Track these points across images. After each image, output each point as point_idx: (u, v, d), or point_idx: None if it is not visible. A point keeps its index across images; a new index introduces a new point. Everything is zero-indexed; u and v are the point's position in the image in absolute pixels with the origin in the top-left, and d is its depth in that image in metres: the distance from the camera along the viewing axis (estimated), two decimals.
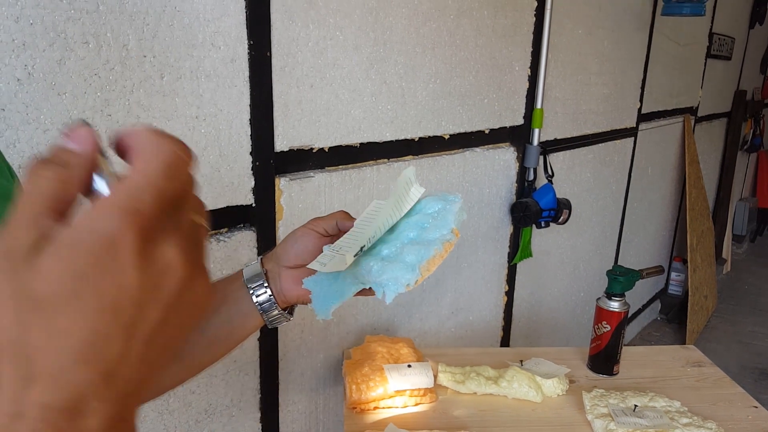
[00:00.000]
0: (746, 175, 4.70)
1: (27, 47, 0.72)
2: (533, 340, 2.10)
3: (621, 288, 1.15)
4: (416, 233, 0.52)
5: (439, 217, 0.52)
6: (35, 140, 0.75)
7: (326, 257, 0.54)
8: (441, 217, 0.52)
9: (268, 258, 0.58)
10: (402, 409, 1.03)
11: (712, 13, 3.07)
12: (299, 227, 0.58)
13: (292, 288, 0.56)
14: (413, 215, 0.54)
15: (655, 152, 2.80)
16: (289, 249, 0.57)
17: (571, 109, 1.98)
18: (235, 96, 0.97)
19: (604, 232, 2.47)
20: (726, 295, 3.61)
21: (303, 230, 0.58)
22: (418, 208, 0.54)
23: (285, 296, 0.57)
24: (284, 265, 0.57)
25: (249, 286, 0.56)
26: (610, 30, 2.11)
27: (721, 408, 1.07)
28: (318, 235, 0.57)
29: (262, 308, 0.56)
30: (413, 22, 1.28)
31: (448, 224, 0.51)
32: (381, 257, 0.51)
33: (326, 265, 0.52)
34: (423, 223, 0.52)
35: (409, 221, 0.53)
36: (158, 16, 0.84)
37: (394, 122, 1.29)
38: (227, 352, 0.58)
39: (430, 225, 0.52)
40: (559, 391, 1.09)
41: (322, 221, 0.57)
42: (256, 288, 0.56)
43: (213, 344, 0.56)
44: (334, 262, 0.52)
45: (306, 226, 0.58)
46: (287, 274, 0.57)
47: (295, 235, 0.58)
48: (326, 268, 0.52)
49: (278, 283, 0.57)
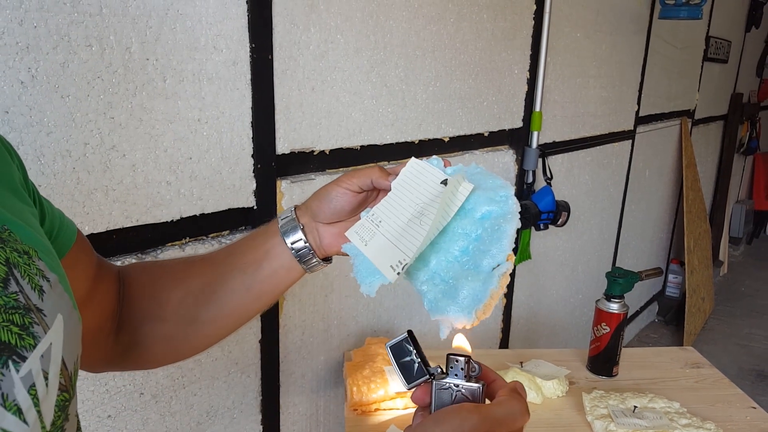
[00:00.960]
0: (743, 178, 4.73)
1: (31, 50, 0.72)
2: (532, 342, 2.11)
3: (620, 290, 1.16)
4: (466, 246, 0.49)
5: (490, 229, 0.49)
6: (39, 143, 0.75)
7: (365, 229, 0.53)
8: (493, 231, 0.49)
9: (303, 212, 0.58)
10: (403, 410, 1.04)
11: (709, 17, 3.09)
12: (332, 183, 0.56)
13: (332, 244, 0.57)
14: (461, 218, 0.51)
15: (652, 155, 2.81)
16: (324, 207, 0.56)
17: (569, 112, 1.99)
18: (237, 99, 0.97)
19: (603, 234, 2.48)
20: (723, 297, 3.63)
21: (337, 189, 0.56)
22: (465, 206, 0.51)
23: (325, 250, 0.58)
24: (320, 221, 0.57)
25: (290, 245, 0.56)
26: (608, 33, 2.12)
27: (720, 409, 1.08)
28: (353, 193, 0.56)
29: (303, 261, 0.57)
30: (413, 25, 1.28)
31: (503, 248, 0.48)
32: (429, 269, 0.50)
33: (368, 245, 0.51)
34: (472, 233, 0.50)
35: (457, 227, 0.51)
36: (161, 19, 0.85)
37: (394, 125, 1.29)
38: (275, 300, 0.60)
39: (481, 240, 0.49)
40: (559, 393, 1.10)
41: (357, 179, 0.55)
42: (296, 243, 0.56)
43: (260, 297, 0.58)
44: (379, 260, 0.50)
45: (340, 184, 0.56)
46: (325, 231, 0.57)
47: (329, 194, 0.56)
48: (368, 252, 0.51)
49: (317, 238, 0.57)
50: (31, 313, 0.33)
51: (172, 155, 0.90)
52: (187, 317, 0.57)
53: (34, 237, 0.37)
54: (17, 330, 0.31)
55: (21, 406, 0.30)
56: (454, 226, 0.51)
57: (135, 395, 0.92)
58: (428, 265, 0.51)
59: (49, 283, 0.35)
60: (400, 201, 0.53)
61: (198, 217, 0.96)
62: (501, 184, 0.52)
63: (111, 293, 0.56)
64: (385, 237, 0.52)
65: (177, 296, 0.57)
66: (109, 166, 0.83)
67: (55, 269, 0.37)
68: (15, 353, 0.30)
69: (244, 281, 0.57)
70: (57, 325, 0.34)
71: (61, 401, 0.33)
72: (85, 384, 0.86)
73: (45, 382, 0.32)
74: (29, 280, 0.34)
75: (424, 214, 0.51)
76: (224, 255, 0.58)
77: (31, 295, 0.33)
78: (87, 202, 0.82)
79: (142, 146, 0.86)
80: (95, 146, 0.81)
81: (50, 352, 0.33)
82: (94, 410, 0.88)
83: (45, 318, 0.33)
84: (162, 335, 0.57)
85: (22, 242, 0.35)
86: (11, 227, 0.35)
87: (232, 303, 0.57)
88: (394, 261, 0.50)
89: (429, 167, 0.54)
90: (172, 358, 0.61)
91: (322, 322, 1.24)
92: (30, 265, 0.34)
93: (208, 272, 0.58)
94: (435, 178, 0.53)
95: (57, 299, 0.35)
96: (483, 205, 0.51)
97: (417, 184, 0.54)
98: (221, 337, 0.60)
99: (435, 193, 0.52)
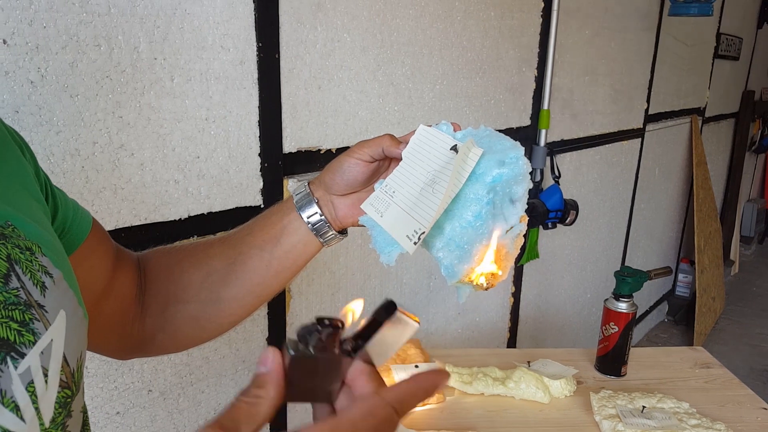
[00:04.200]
0: (754, 176, 4.68)
1: (40, 50, 0.73)
2: (540, 341, 2.10)
3: (629, 289, 1.15)
4: (479, 211, 0.49)
5: (502, 192, 0.48)
6: (48, 142, 0.76)
7: (379, 201, 0.53)
8: (505, 194, 0.48)
9: (316, 185, 0.58)
10: None
11: (720, 14, 3.05)
12: (343, 155, 0.56)
13: (347, 215, 0.57)
14: (472, 183, 0.50)
15: (662, 153, 2.79)
16: (337, 179, 0.56)
17: (577, 110, 1.97)
18: (244, 98, 0.97)
19: (611, 233, 2.46)
20: (734, 297, 3.59)
21: (349, 160, 0.56)
22: (476, 171, 0.50)
23: (341, 222, 0.58)
24: (334, 194, 0.57)
25: (306, 219, 0.57)
26: (617, 31, 2.11)
27: (730, 410, 1.07)
28: (365, 163, 0.56)
29: (320, 234, 0.57)
30: (420, 23, 1.28)
31: (516, 210, 0.47)
32: (444, 236, 0.50)
33: (383, 216, 0.52)
34: (484, 197, 0.49)
35: (469, 192, 0.50)
36: (168, 18, 0.85)
37: (401, 123, 1.29)
38: (294, 275, 0.60)
39: (493, 204, 0.48)
40: (566, 392, 1.09)
41: (368, 148, 0.55)
42: (312, 217, 0.57)
43: (280, 273, 0.58)
44: (395, 231, 0.50)
45: (352, 155, 0.56)
46: (340, 203, 0.57)
47: (341, 165, 0.56)
48: (383, 223, 0.51)
49: (332, 210, 0.58)
50: (32, 309, 0.33)
51: (180, 154, 0.91)
52: (210, 298, 0.58)
53: (39, 233, 0.37)
54: (16, 326, 0.31)
55: (19, 403, 0.30)
56: (466, 192, 0.50)
57: (143, 392, 0.93)
58: (443, 232, 0.50)
59: (52, 279, 0.35)
60: (411, 170, 0.53)
61: (206, 215, 0.97)
62: (510, 146, 0.51)
63: (131, 280, 0.56)
64: (400, 207, 0.52)
65: (198, 278, 0.58)
66: (117, 165, 0.84)
67: (60, 265, 0.37)
68: (14, 350, 0.31)
69: (263, 258, 0.57)
70: (59, 322, 0.34)
71: (62, 398, 0.33)
72: (94, 381, 0.87)
73: (45, 378, 0.32)
74: (31, 276, 0.34)
75: (436, 181, 0.51)
76: (242, 234, 0.59)
77: (32, 291, 0.33)
78: (96, 201, 0.82)
79: (150, 145, 0.87)
80: (104, 145, 0.82)
81: (51, 349, 0.33)
82: (103, 407, 0.88)
83: (46, 314, 0.33)
84: (187, 317, 0.58)
85: (26, 238, 0.35)
86: (15, 223, 0.35)
87: (253, 281, 0.58)
88: (410, 231, 0.50)
89: (438, 133, 0.54)
90: (199, 338, 0.62)
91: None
92: (32, 261, 0.34)
93: (227, 252, 0.58)
94: (444, 145, 0.52)
95: (60, 295, 0.35)
96: (493, 168, 0.50)
97: (427, 151, 0.53)
98: (246, 314, 0.61)
99: (445, 159, 0.51)
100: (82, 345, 0.37)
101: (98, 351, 0.57)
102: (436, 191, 0.50)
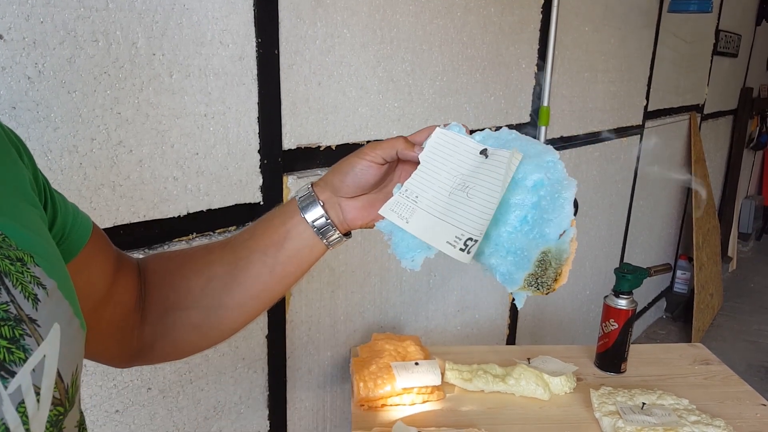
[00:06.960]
0: (752, 173, 4.68)
1: (37, 45, 0.72)
2: (539, 338, 2.10)
3: (629, 286, 1.15)
4: (524, 216, 0.48)
5: (549, 197, 0.48)
6: (46, 138, 0.75)
7: (401, 206, 0.51)
8: (553, 199, 0.48)
9: (322, 187, 0.56)
10: (410, 406, 1.03)
11: (719, 10, 3.05)
12: (354, 156, 0.55)
13: (357, 218, 0.56)
14: (512, 188, 0.50)
15: (661, 150, 2.78)
16: (348, 181, 0.54)
17: (577, 107, 1.97)
18: (244, 94, 0.97)
19: (611, 229, 2.46)
20: (732, 294, 3.60)
21: (361, 162, 0.54)
22: (514, 176, 0.50)
23: (349, 225, 0.57)
24: (343, 196, 0.56)
25: (310, 223, 0.55)
26: (617, 27, 2.10)
27: (729, 406, 1.07)
28: (378, 165, 0.54)
29: (324, 237, 0.56)
30: (420, 19, 1.28)
31: (566, 215, 0.47)
32: (491, 242, 0.49)
33: (409, 222, 0.50)
34: (527, 202, 0.48)
35: (509, 197, 0.49)
36: (167, 14, 0.84)
37: (401, 120, 1.29)
38: (299, 279, 0.59)
39: (540, 208, 0.48)
40: (566, 389, 1.09)
41: (381, 150, 0.53)
42: (317, 220, 0.55)
43: (284, 278, 0.57)
44: (430, 237, 0.49)
45: (364, 157, 0.54)
46: (348, 205, 0.56)
47: (353, 168, 0.54)
48: (411, 229, 0.50)
49: (339, 213, 0.56)
50: (22, 324, 0.31)
51: (179, 150, 0.90)
52: (211, 304, 0.56)
53: (32, 240, 0.35)
54: (6, 344, 0.30)
55: (9, 425, 0.29)
56: (506, 197, 0.50)
57: (143, 390, 0.93)
58: (488, 238, 0.50)
59: (45, 291, 0.34)
60: (434, 174, 0.52)
61: (205, 212, 0.96)
62: (543, 150, 0.51)
63: (131, 287, 0.55)
64: (428, 212, 0.51)
65: (199, 284, 0.56)
66: (116, 162, 0.83)
67: (54, 274, 0.35)
68: (3, 368, 0.29)
69: (266, 263, 0.56)
70: (52, 336, 0.33)
71: (53, 416, 0.32)
72: (93, 379, 0.86)
73: (36, 397, 0.30)
74: (22, 289, 0.32)
75: (469, 186, 0.50)
76: (243, 238, 0.58)
77: (23, 304, 0.32)
78: (94, 198, 0.82)
79: (149, 142, 0.86)
80: (102, 142, 0.81)
81: (43, 365, 0.31)
82: (102, 405, 0.88)
83: (39, 329, 0.32)
84: (188, 324, 0.57)
85: (17, 248, 0.33)
86: (6, 231, 0.34)
87: (256, 287, 0.57)
88: (450, 237, 0.49)
89: (459, 137, 0.53)
90: (201, 345, 0.60)
91: (328, 317, 1.24)
92: (24, 273, 0.33)
93: (228, 257, 0.57)
94: (470, 149, 0.52)
95: (54, 307, 0.34)
96: (533, 173, 0.50)
97: (449, 154, 0.52)
98: (249, 320, 0.60)
99: (474, 164, 0.51)
100: (78, 358, 0.36)
101: (97, 359, 0.56)
102: (472, 196, 0.49)
